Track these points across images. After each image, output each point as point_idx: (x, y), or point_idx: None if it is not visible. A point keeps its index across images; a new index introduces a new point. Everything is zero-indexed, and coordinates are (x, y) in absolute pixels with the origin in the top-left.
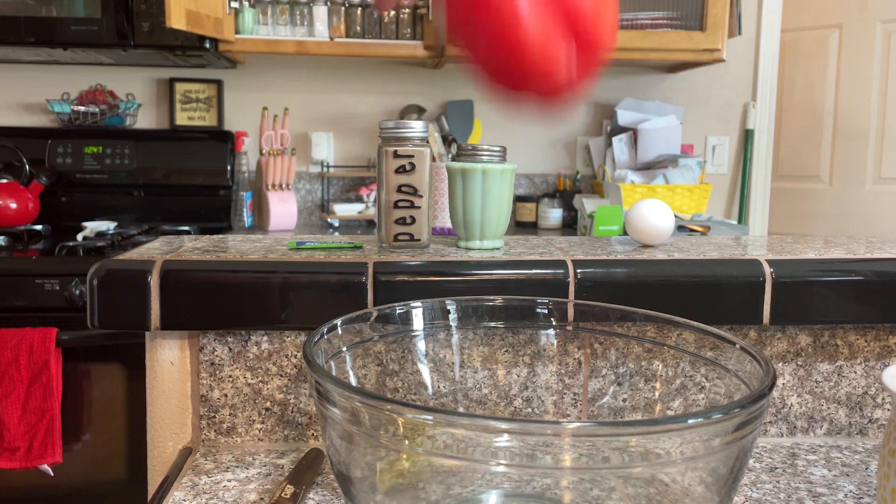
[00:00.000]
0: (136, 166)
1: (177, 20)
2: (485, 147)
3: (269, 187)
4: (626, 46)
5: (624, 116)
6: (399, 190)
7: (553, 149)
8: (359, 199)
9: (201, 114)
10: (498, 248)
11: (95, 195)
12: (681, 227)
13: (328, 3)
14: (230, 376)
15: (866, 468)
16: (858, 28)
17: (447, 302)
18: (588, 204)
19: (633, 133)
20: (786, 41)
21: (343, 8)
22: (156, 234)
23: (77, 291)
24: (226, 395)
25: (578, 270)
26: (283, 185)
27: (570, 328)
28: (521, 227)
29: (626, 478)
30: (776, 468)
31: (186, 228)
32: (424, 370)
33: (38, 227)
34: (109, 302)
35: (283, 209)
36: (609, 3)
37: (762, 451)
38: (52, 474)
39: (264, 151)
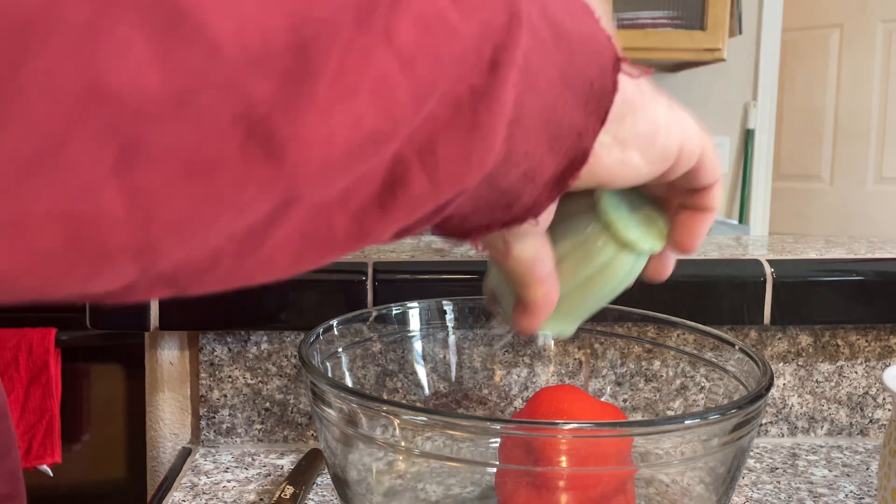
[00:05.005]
0: None
1: None
2: None
3: None
4: (627, 46)
5: None
6: None
7: None
8: None
9: None
10: None
11: None
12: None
13: None
14: (230, 376)
15: (867, 468)
16: (859, 28)
17: (444, 302)
18: None
19: None
20: (786, 41)
21: None
22: None
23: None
24: (225, 396)
25: None
26: None
27: None
28: None
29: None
30: (777, 468)
31: None
32: (424, 371)
33: None
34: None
35: None
36: None
37: (762, 452)
38: (52, 475)
39: None
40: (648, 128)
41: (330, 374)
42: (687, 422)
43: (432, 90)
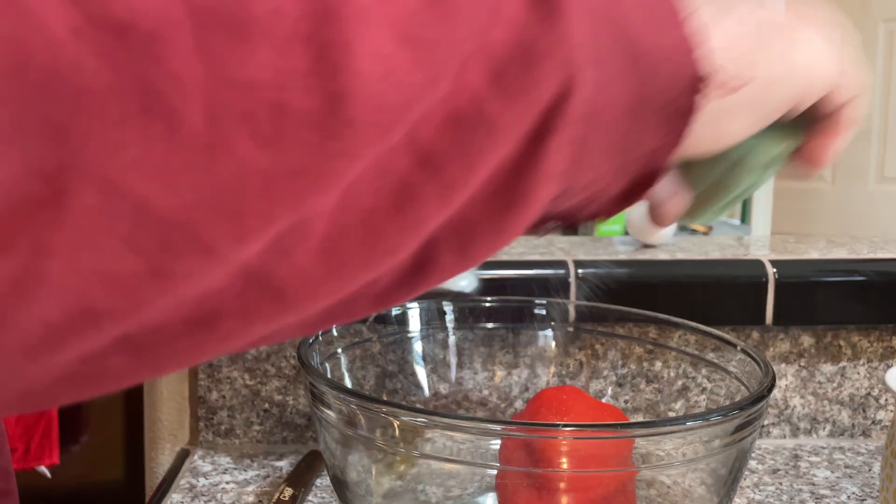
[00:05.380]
0: None
1: None
2: None
3: None
4: None
5: None
6: None
7: None
8: None
9: None
10: None
11: None
12: (683, 227)
13: None
14: (228, 377)
15: (869, 469)
16: (860, 27)
17: (443, 303)
18: None
19: None
20: None
21: None
22: None
23: None
24: (224, 397)
25: (580, 271)
26: None
27: (570, 329)
28: None
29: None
30: (779, 470)
31: None
32: (423, 372)
33: None
34: None
35: None
36: None
37: (764, 453)
38: (50, 476)
39: None
40: (756, 89)
41: (329, 375)
42: (688, 423)
43: (462, 187)
